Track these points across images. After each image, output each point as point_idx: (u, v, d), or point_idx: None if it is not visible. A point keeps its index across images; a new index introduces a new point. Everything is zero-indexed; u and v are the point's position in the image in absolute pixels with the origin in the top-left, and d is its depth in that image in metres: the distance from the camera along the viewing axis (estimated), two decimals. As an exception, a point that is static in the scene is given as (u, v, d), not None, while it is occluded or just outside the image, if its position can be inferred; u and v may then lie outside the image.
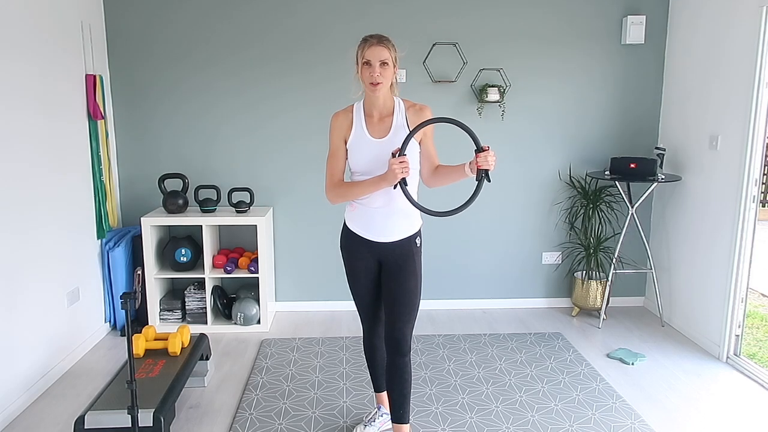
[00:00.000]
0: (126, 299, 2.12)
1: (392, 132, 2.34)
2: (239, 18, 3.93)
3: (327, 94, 4.03)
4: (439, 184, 2.42)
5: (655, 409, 2.95)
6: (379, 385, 2.74)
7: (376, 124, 2.36)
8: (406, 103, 2.38)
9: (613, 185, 4.14)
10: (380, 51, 2.23)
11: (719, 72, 3.52)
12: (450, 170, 2.34)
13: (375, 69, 2.24)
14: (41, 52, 3.12)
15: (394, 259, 2.40)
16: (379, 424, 2.73)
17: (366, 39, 2.28)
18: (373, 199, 2.36)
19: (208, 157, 4.08)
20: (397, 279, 2.40)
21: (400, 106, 2.38)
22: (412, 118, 2.34)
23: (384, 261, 2.43)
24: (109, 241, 3.79)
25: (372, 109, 2.36)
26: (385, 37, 2.29)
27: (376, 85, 2.25)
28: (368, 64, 2.25)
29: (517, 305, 4.38)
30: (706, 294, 3.66)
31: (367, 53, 2.25)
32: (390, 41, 2.28)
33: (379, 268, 2.47)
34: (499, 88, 4.02)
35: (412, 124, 2.32)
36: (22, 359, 2.94)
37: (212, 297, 3.93)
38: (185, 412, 2.90)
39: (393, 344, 2.42)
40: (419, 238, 2.45)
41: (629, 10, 4.04)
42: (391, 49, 2.27)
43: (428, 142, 2.38)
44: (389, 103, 2.36)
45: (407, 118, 2.35)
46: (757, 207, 3.32)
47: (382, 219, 2.38)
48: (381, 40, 2.26)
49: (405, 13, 3.97)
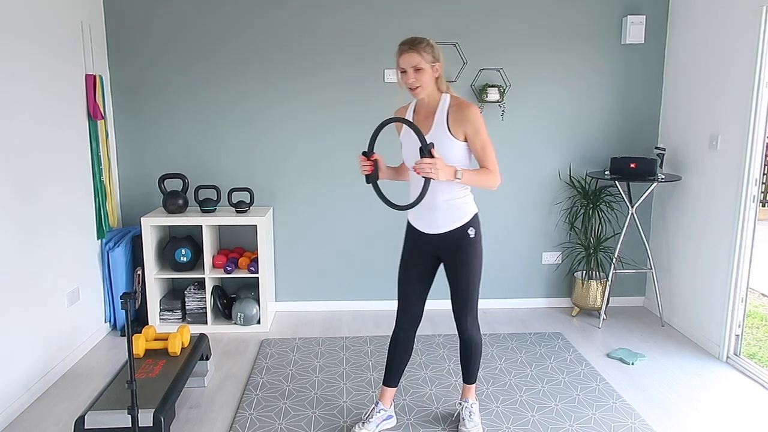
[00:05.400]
0: (126, 299, 2.12)
1: (433, 129, 2.40)
2: (240, 19, 3.93)
3: (327, 95, 4.04)
4: (471, 185, 2.45)
5: (655, 409, 2.95)
6: (388, 379, 2.73)
7: (422, 121, 2.44)
8: (453, 100, 2.41)
9: (613, 185, 4.15)
10: (411, 58, 2.31)
11: (719, 72, 3.52)
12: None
13: (410, 76, 2.34)
14: (41, 52, 3.12)
15: (446, 249, 2.51)
16: (377, 421, 2.71)
17: (399, 46, 2.36)
18: (412, 193, 2.50)
19: (208, 157, 4.08)
20: (450, 269, 2.53)
21: (445, 103, 2.41)
22: (453, 115, 2.37)
23: (439, 253, 2.54)
24: (109, 241, 3.79)
25: (420, 106, 2.47)
26: (418, 41, 2.33)
27: (415, 89, 2.35)
28: (404, 71, 2.35)
29: (517, 305, 4.38)
30: (706, 294, 3.66)
31: (401, 61, 2.35)
32: (421, 44, 2.32)
33: (432, 262, 2.59)
34: (499, 88, 4.02)
35: (452, 122, 2.37)
36: (22, 359, 2.94)
37: (212, 297, 3.93)
38: (185, 412, 2.91)
39: (456, 325, 2.62)
40: (472, 228, 2.48)
41: (629, 10, 4.04)
42: (423, 53, 2.31)
43: (473, 142, 2.39)
44: (434, 100, 2.42)
45: (448, 115, 2.37)
46: (757, 207, 3.32)
47: (424, 212, 2.48)
48: (412, 46, 2.32)
49: (405, 13, 3.97)
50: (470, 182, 2.37)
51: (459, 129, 2.36)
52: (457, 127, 2.36)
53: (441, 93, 2.43)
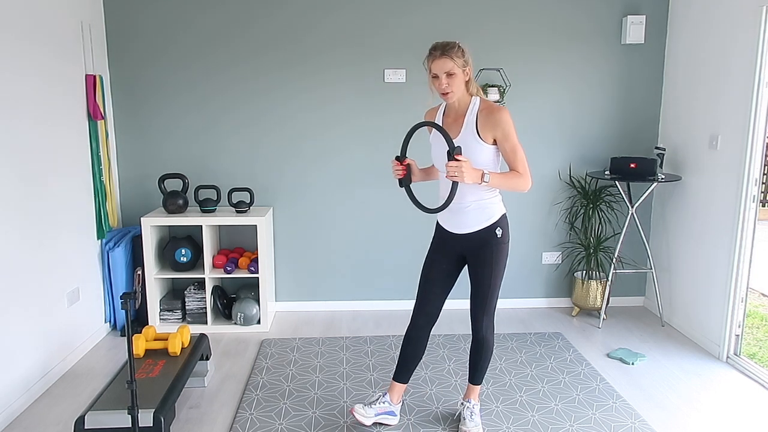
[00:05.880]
0: (126, 299, 2.12)
1: (462, 132, 2.41)
2: (240, 19, 3.93)
3: (328, 94, 4.04)
4: (500, 188, 2.47)
5: (655, 409, 2.95)
6: (397, 374, 2.74)
7: (451, 124, 2.47)
8: (483, 104, 2.42)
9: (613, 185, 4.15)
10: (443, 63, 2.33)
11: (719, 72, 3.52)
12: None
13: (442, 81, 2.36)
14: (41, 52, 3.12)
15: (472, 249, 2.53)
16: (378, 410, 2.72)
17: (431, 51, 2.38)
18: (441, 194, 2.54)
19: (208, 157, 4.08)
20: (473, 267, 2.56)
21: (475, 106, 2.42)
22: (482, 119, 2.38)
23: (465, 252, 2.57)
24: (109, 241, 3.79)
25: (450, 109, 2.49)
26: (450, 46, 2.34)
27: (446, 94, 2.37)
28: (436, 77, 2.37)
29: (517, 305, 4.38)
30: (706, 294, 3.66)
31: (433, 67, 2.37)
32: (453, 49, 2.34)
33: (457, 263, 2.62)
34: (499, 88, 4.02)
35: (481, 126, 2.38)
36: (22, 359, 2.94)
37: (212, 297, 3.93)
38: (185, 412, 2.90)
39: (472, 324, 2.64)
40: (500, 228, 2.49)
41: (629, 10, 4.04)
42: (455, 58, 2.33)
43: (503, 146, 2.39)
44: (464, 103, 2.44)
45: (477, 119, 2.38)
46: (757, 207, 3.32)
47: (453, 214, 2.52)
48: (444, 51, 2.33)
49: (405, 12, 3.97)
50: (498, 185, 2.38)
51: (488, 133, 2.37)
52: (487, 131, 2.37)
53: (471, 96, 2.44)
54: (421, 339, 2.69)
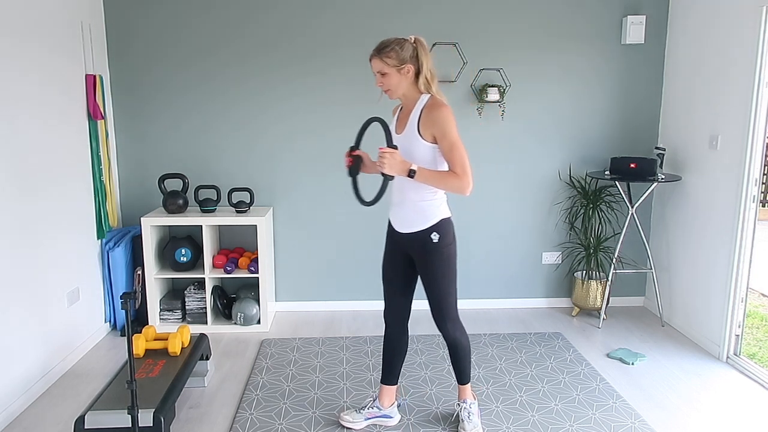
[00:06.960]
0: (126, 299, 2.12)
1: (406, 129, 2.43)
2: (240, 18, 3.93)
3: (327, 94, 4.04)
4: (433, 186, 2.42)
5: (655, 409, 2.95)
6: (385, 377, 2.75)
7: (403, 119, 2.48)
8: (429, 101, 2.40)
9: (613, 185, 4.15)
10: (374, 63, 2.40)
11: (719, 72, 3.52)
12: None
13: (377, 80, 2.42)
14: (41, 52, 3.12)
15: (413, 251, 2.52)
16: (368, 415, 2.73)
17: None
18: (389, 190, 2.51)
19: (208, 157, 4.08)
20: (419, 270, 2.54)
21: (421, 103, 2.41)
22: (424, 117, 2.37)
23: (410, 253, 2.55)
24: (109, 241, 3.79)
25: (405, 106, 2.51)
26: (383, 46, 2.37)
27: (385, 92, 2.44)
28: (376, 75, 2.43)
29: (517, 305, 4.38)
30: (706, 294, 3.66)
31: (372, 67, 2.42)
32: (386, 49, 2.36)
33: (409, 259, 2.59)
34: (499, 88, 4.02)
35: (422, 123, 2.37)
36: (22, 359, 2.94)
37: (212, 297, 3.93)
38: (185, 412, 2.90)
39: (438, 329, 2.62)
40: (436, 233, 2.43)
41: (629, 10, 4.04)
42: (385, 59, 2.35)
43: (441, 144, 2.36)
44: (412, 101, 2.44)
45: (420, 116, 2.38)
46: (757, 207, 3.32)
47: (396, 209, 2.52)
48: (377, 52, 2.38)
49: (405, 12, 3.97)
50: (428, 182, 2.34)
51: (427, 130, 2.35)
52: (426, 128, 2.35)
53: (421, 93, 2.42)
54: (396, 339, 2.70)
